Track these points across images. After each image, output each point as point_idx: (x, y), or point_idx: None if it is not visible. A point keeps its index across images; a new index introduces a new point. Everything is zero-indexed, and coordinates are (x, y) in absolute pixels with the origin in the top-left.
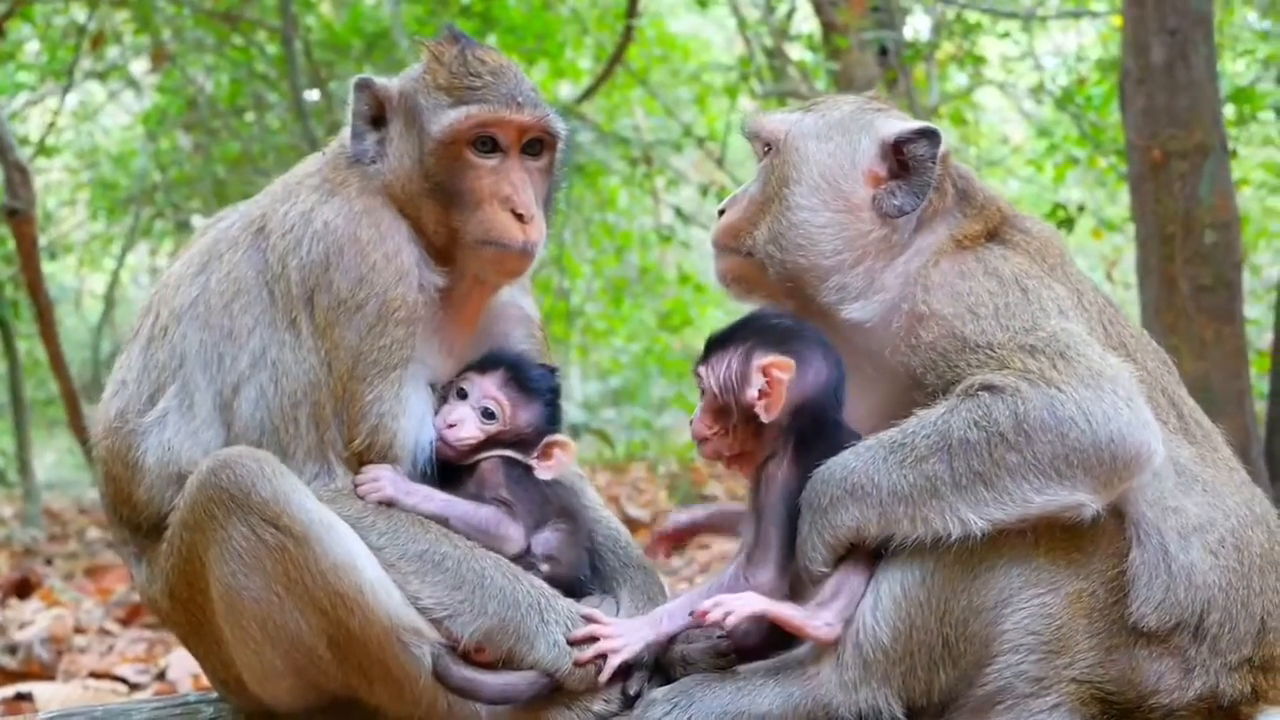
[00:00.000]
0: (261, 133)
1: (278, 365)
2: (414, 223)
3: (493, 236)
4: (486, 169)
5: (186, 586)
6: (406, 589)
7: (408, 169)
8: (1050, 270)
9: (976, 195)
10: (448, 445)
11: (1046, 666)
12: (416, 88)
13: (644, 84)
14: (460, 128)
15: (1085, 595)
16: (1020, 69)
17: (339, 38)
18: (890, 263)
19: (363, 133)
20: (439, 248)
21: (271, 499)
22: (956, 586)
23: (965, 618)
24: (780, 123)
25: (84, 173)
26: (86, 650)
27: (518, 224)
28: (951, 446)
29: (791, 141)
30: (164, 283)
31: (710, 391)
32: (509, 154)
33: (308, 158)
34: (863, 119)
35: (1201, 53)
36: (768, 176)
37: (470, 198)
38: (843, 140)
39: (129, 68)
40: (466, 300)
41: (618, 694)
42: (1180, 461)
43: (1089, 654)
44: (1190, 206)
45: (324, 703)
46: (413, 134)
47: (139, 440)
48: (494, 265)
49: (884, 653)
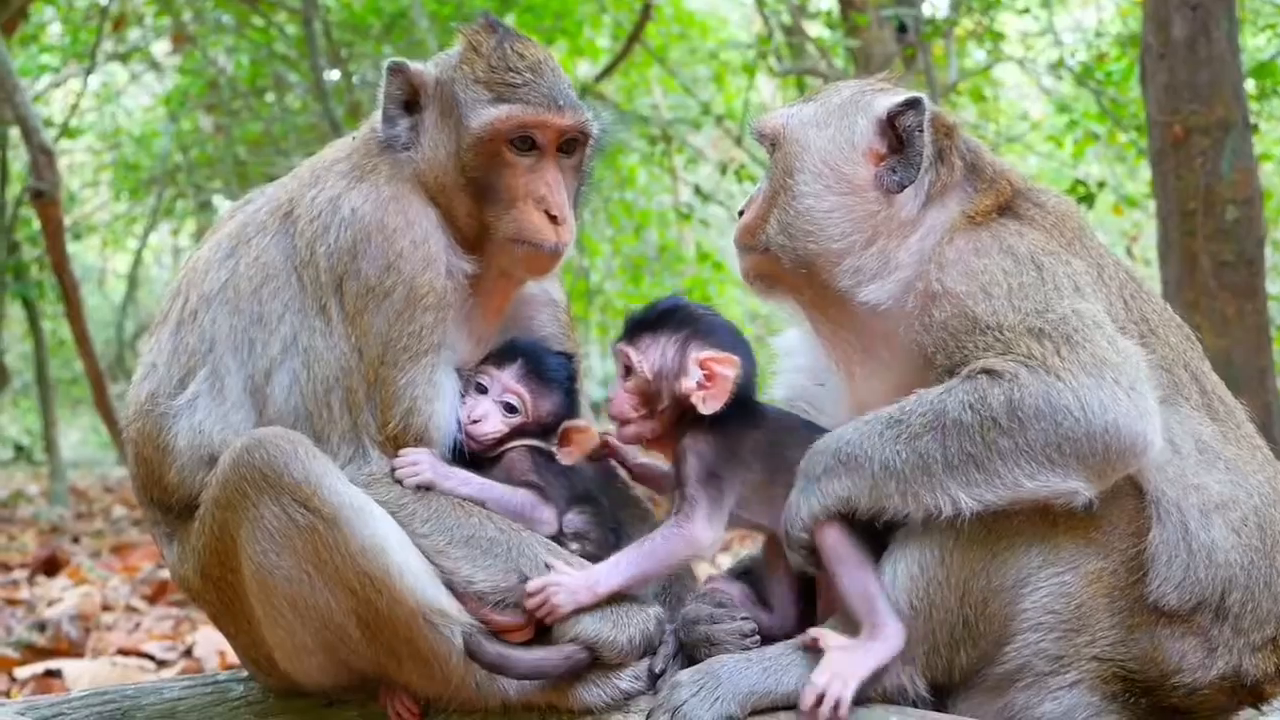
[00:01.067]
0: (282, 113)
1: (310, 351)
2: (444, 210)
3: (525, 236)
4: (522, 168)
5: (218, 565)
6: (459, 574)
7: (442, 160)
8: (1068, 245)
9: (986, 169)
10: (472, 439)
11: (1066, 645)
12: (454, 77)
13: (662, 62)
14: (501, 127)
15: (1106, 574)
16: (1039, 45)
17: (358, 18)
18: (903, 241)
19: (395, 117)
20: (468, 237)
21: (304, 480)
22: (975, 566)
23: (985, 597)
24: (778, 117)
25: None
26: (114, 627)
27: (550, 225)
28: (945, 426)
29: (790, 133)
30: (192, 266)
31: (642, 376)
32: (545, 153)
33: (335, 142)
34: (860, 100)
35: (1223, 27)
36: (774, 170)
37: (505, 195)
38: (840, 123)
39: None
40: (495, 287)
41: (644, 671)
42: (1202, 439)
43: (1110, 632)
44: (1211, 182)
45: (354, 681)
46: (449, 125)
47: (170, 423)
48: (523, 263)
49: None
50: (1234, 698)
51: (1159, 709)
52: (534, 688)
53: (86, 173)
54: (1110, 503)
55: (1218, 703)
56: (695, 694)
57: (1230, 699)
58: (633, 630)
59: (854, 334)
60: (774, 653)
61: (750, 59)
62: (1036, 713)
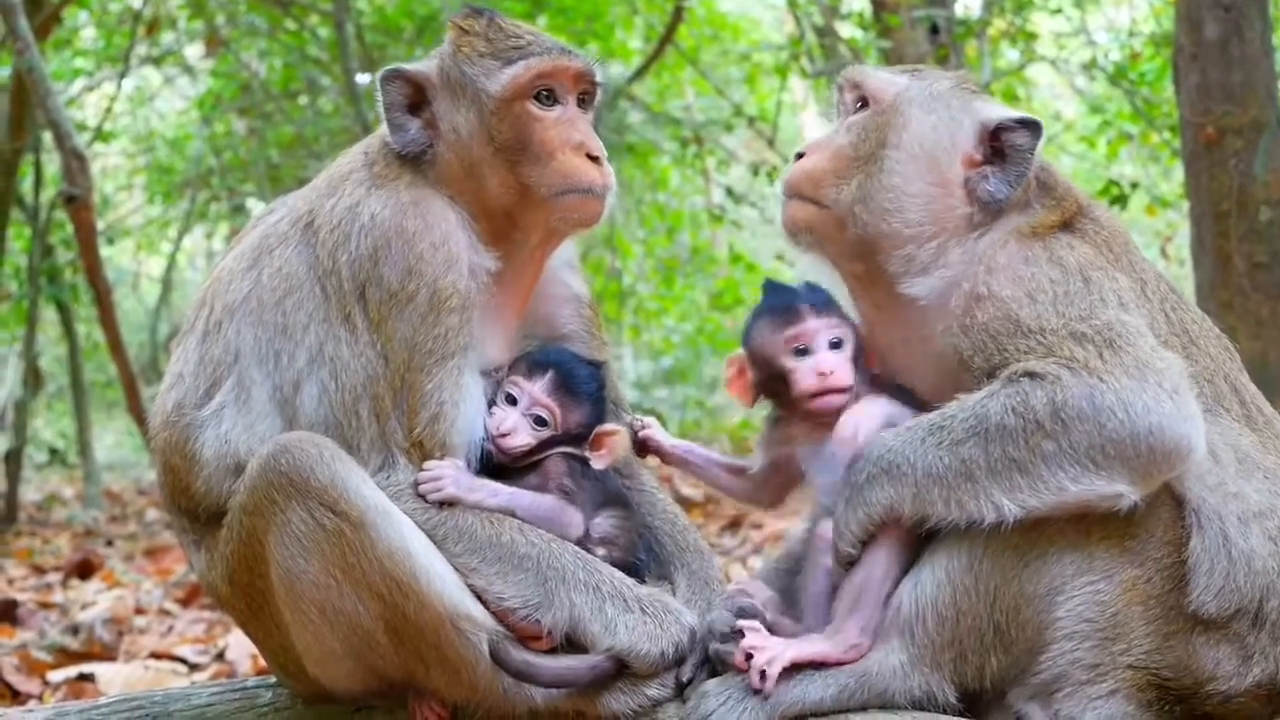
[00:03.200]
0: (314, 116)
1: (336, 361)
2: (471, 202)
3: (572, 183)
4: (551, 119)
5: (246, 571)
6: (490, 591)
7: (466, 137)
8: (1115, 260)
9: (1057, 186)
10: (501, 452)
11: (1102, 653)
12: (457, 61)
13: (694, 64)
14: (522, 80)
15: (1141, 582)
16: (1072, 45)
17: (390, 21)
18: (961, 242)
19: (403, 122)
20: (496, 228)
21: (330, 484)
22: (1007, 573)
23: (1017, 604)
24: (888, 82)
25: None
26: (147, 631)
27: (594, 166)
28: (989, 431)
29: (898, 104)
30: (216, 276)
31: (853, 343)
32: (568, 105)
33: (347, 151)
34: (964, 98)
35: (1256, 28)
36: (864, 133)
37: (542, 149)
38: (946, 115)
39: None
40: (518, 281)
41: (672, 680)
42: (1242, 448)
43: (1145, 640)
44: (1245, 183)
45: (382, 687)
46: (465, 103)
47: (196, 433)
48: (574, 212)
49: (931, 638)
50: (1269, 705)
51: (1193, 717)
52: (561, 695)
53: (120, 176)
54: (1147, 511)
55: (1251, 710)
56: (723, 703)
57: (1265, 706)
58: (665, 643)
59: (891, 320)
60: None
61: (782, 60)
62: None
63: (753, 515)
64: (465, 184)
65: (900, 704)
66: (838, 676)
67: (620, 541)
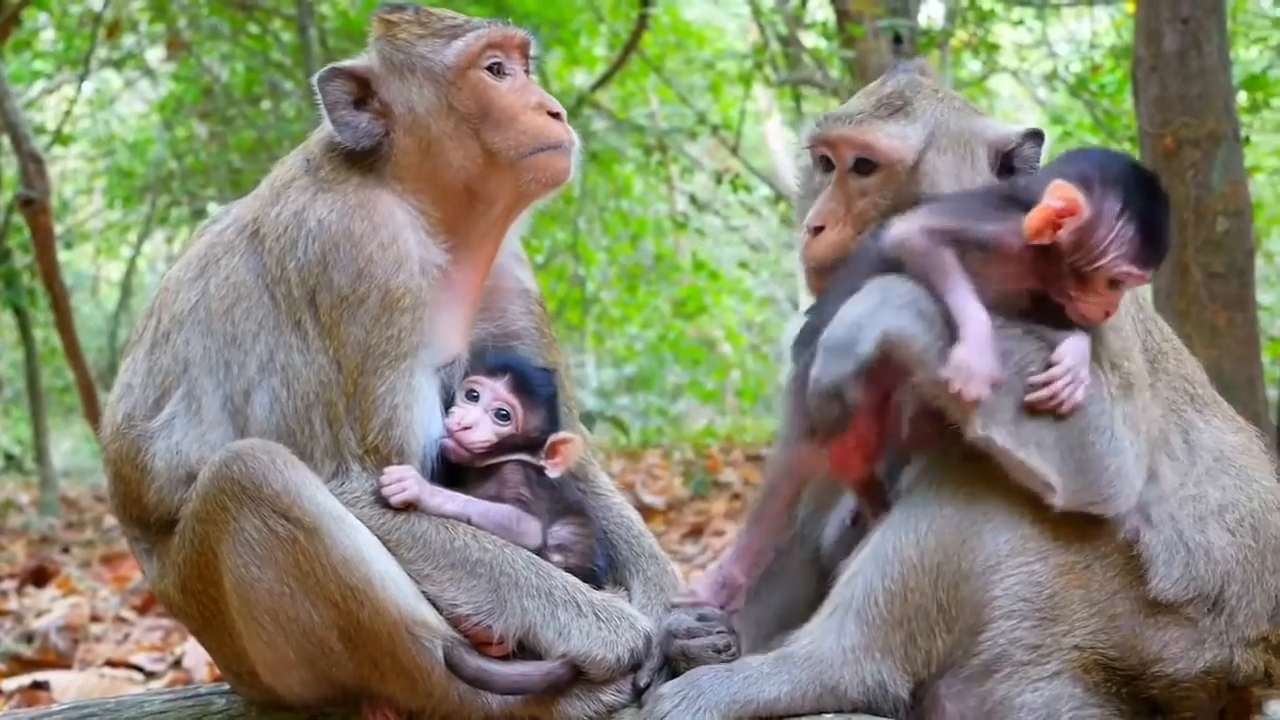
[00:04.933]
0: (277, 121)
1: (287, 369)
2: (426, 187)
3: (540, 140)
4: (506, 87)
5: (199, 579)
6: (443, 598)
7: (424, 115)
8: None
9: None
10: (462, 447)
11: (1043, 634)
12: (398, 46)
13: (658, 72)
14: (474, 49)
15: (1079, 568)
16: (1034, 56)
17: (354, 25)
18: None
19: (350, 119)
20: (453, 209)
21: (283, 490)
22: (949, 550)
23: (956, 581)
24: (900, 140)
25: (100, 161)
26: (103, 639)
27: (558, 123)
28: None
29: (920, 163)
30: (163, 286)
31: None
32: (516, 75)
33: (286, 159)
34: (969, 124)
35: (1214, 40)
36: (884, 194)
37: (504, 114)
38: (963, 152)
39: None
40: (470, 273)
41: (628, 685)
42: (1224, 449)
43: (1090, 621)
44: (1202, 194)
45: (337, 694)
46: (418, 81)
47: (147, 444)
48: (545, 170)
49: (882, 617)
50: (1218, 699)
51: (1140, 700)
52: (517, 702)
53: (80, 180)
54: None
55: (1199, 701)
56: (677, 705)
57: (1214, 700)
58: (621, 649)
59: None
60: (755, 664)
61: (746, 69)
62: (1017, 703)
63: (714, 522)
64: (423, 166)
65: (853, 697)
66: (791, 671)
67: (577, 548)
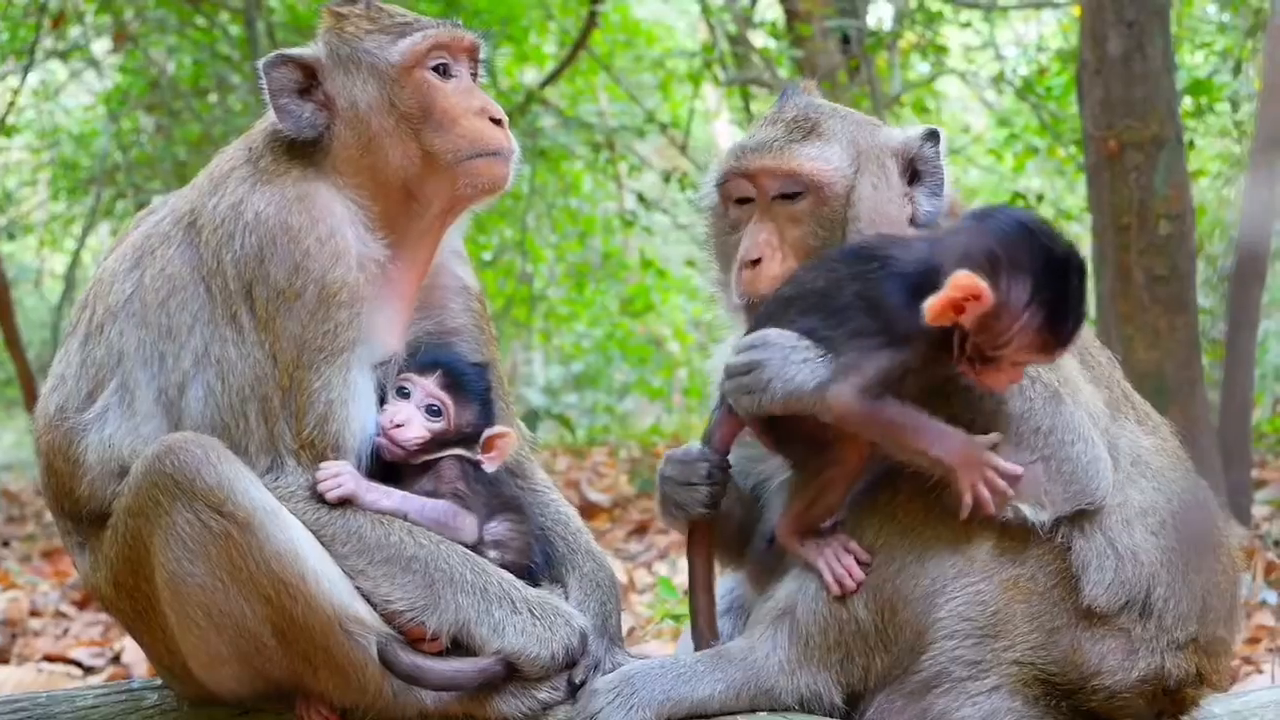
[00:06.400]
0: (224, 114)
1: (222, 362)
2: (366, 181)
3: (479, 146)
4: (450, 89)
5: (131, 573)
6: (377, 593)
7: (366, 111)
8: None
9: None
10: (395, 444)
11: (984, 650)
12: (345, 39)
13: (608, 69)
14: (420, 48)
15: (1024, 580)
16: (981, 59)
17: (302, 20)
18: None
19: (293, 107)
20: (391, 206)
21: (216, 485)
22: (883, 575)
23: (894, 605)
24: (824, 163)
25: (45, 152)
26: (42, 633)
27: (499, 130)
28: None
29: (838, 185)
30: (98, 278)
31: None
32: (461, 77)
33: (226, 149)
34: (875, 137)
35: (1158, 44)
36: (817, 221)
37: (445, 116)
38: (876, 167)
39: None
40: (409, 269)
41: (564, 683)
42: (1139, 452)
43: (1030, 636)
44: (1145, 197)
45: (270, 690)
46: (362, 76)
47: (79, 436)
48: (482, 176)
49: (816, 641)
50: (1155, 704)
51: (1080, 713)
52: (451, 698)
53: (24, 171)
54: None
55: (1137, 709)
56: (611, 701)
57: (1150, 705)
58: (555, 645)
59: None
60: (689, 660)
61: (695, 68)
62: (955, 717)
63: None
64: (362, 161)
65: (787, 702)
66: (726, 670)
67: (513, 544)
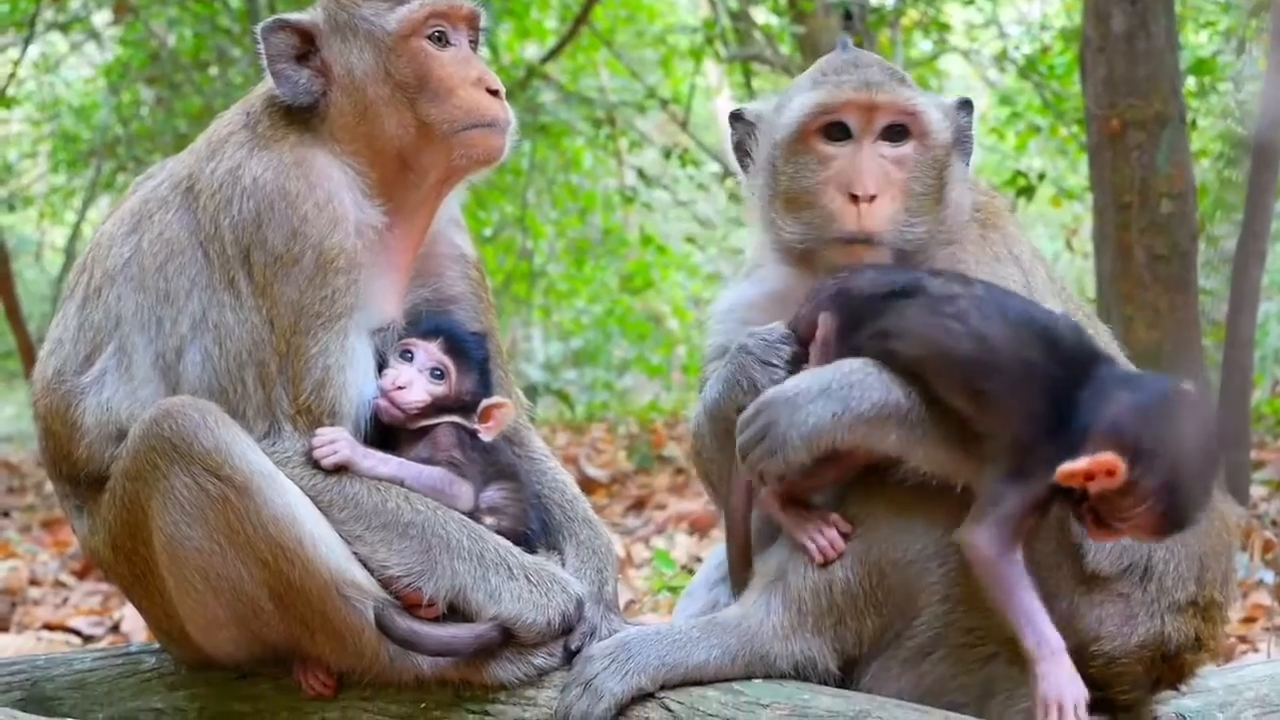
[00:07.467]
0: (224, 87)
1: (220, 327)
2: (362, 149)
3: (475, 117)
4: (447, 57)
5: (129, 537)
6: (374, 558)
7: (362, 78)
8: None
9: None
10: (396, 407)
11: (981, 617)
12: (344, 5)
13: (609, 45)
14: (417, 16)
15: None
16: (984, 36)
17: None
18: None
19: (290, 73)
20: (388, 174)
21: (214, 449)
22: (869, 539)
23: (881, 569)
24: (932, 110)
25: (45, 125)
26: (41, 602)
27: (495, 101)
28: None
29: (943, 133)
30: (96, 242)
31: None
32: (460, 46)
33: (224, 114)
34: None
35: (1162, 23)
36: (922, 170)
37: (441, 86)
38: (948, 123)
39: (91, 20)
40: (407, 236)
41: (560, 649)
42: None
43: None
44: (1147, 176)
45: (267, 654)
46: (359, 43)
47: (77, 399)
48: (477, 147)
49: (809, 603)
50: (1152, 671)
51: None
52: (447, 663)
53: (25, 144)
54: None
55: (1135, 675)
56: (606, 667)
57: (1149, 672)
58: (551, 612)
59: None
60: (684, 627)
61: (697, 44)
62: (953, 685)
63: (657, 496)
64: (358, 129)
65: (782, 668)
66: (722, 637)
67: (510, 511)
